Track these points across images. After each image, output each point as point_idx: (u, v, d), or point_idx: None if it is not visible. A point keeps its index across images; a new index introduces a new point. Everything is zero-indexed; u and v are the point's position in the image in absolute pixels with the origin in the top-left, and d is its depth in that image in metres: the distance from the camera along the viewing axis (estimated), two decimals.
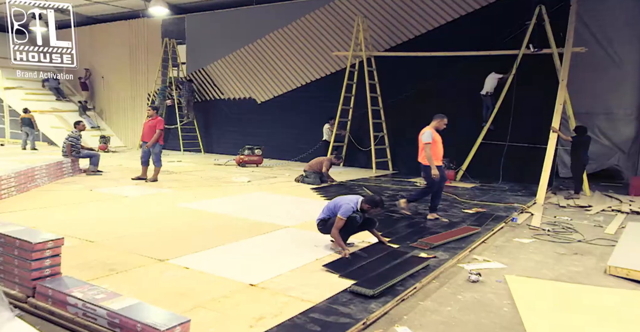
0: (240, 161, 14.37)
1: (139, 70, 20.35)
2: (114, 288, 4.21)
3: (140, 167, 11.00)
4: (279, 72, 16.48)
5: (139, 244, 5.72)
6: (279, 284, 4.53)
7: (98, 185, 10.08)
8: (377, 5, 14.12)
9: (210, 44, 17.63)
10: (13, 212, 7.27)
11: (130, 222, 7.01)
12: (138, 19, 20.03)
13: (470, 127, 12.46)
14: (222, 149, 17.81)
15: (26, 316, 3.77)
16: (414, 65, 13.61)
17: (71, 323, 3.58)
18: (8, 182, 8.42)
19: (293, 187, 10.81)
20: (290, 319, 3.73)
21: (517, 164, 12.12)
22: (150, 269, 4.89)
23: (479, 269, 5.26)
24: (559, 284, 4.99)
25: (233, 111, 17.44)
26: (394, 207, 8.61)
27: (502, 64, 12.00)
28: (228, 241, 5.99)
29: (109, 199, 8.63)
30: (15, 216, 6.95)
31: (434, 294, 4.55)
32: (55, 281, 3.92)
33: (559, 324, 4.01)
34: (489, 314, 4.11)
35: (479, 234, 6.76)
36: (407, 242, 6.19)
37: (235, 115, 17.25)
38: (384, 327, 3.75)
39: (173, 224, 6.99)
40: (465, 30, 12.63)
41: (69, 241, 5.49)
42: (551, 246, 6.49)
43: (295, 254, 5.59)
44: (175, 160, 15.30)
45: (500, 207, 8.97)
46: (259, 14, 16.73)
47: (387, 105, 14.05)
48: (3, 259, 4.14)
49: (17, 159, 13.88)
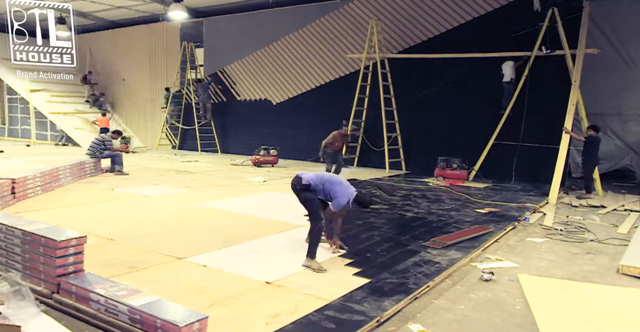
0: (256, 161, 14.42)
1: (159, 72, 20.49)
2: (134, 285, 4.25)
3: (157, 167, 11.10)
4: (294, 74, 16.50)
5: (158, 243, 5.76)
6: (294, 282, 4.53)
7: (119, 185, 10.16)
8: (390, 7, 14.07)
9: (227, 47, 17.69)
10: (38, 211, 7.37)
11: (149, 221, 7.06)
12: (158, 23, 20.17)
13: (483, 128, 12.37)
14: (238, 149, 17.84)
15: (51, 312, 3.83)
16: (426, 67, 13.59)
17: (94, 319, 3.62)
18: (34, 182, 8.53)
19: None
20: (306, 317, 3.74)
21: (530, 164, 12.01)
22: (168, 267, 4.92)
23: (491, 268, 5.22)
24: (571, 283, 4.94)
25: (249, 112, 17.47)
26: (408, 206, 8.59)
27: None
28: (244, 240, 6.01)
29: (129, 199, 8.70)
30: (41, 214, 7.05)
31: (447, 292, 4.52)
32: (79, 278, 3.97)
33: (571, 323, 3.97)
34: (501, 313, 4.08)
35: (492, 233, 6.72)
36: (420, 241, 6.17)
37: (251, 117, 17.29)
38: (397, 325, 3.74)
39: (190, 223, 7.03)
40: (478, 33, 12.54)
41: (91, 239, 5.53)
42: (564, 246, 6.42)
43: None
44: (192, 161, 15.39)
45: (512, 207, 8.89)
46: (274, 17, 16.76)
47: (400, 106, 14.00)
48: (29, 256, 4.20)
49: (42, 160, 14.03)
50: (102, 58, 22.30)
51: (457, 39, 12.92)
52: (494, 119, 12.15)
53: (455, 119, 13.18)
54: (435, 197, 9.73)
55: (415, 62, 13.73)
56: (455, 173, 12.09)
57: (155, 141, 20.62)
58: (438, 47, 13.23)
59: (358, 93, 13.93)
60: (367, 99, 14.06)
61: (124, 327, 3.42)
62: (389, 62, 14.03)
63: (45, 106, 20.46)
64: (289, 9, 16.40)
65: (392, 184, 11.42)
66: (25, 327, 3.31)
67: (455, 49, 12.85)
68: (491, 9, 12.55)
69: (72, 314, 3.77)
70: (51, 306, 3.92)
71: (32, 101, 20.85)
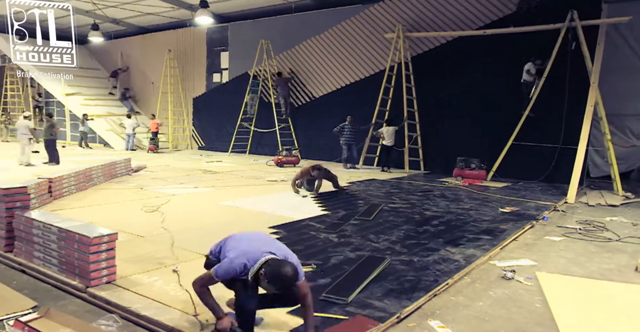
0: (278, 161, 14.48)
1: (185, 76, 20.72)
2: (162, 280, 4.32)
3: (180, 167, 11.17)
4: (316, 76, 16.53)
5: (185, 239, 5.81)
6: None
7: (147, 184, 10.29)
8: (410, 11, 14.01)
9: (251, 51, 17.76)
10: (72, 209, 7.50)
11: (176, 218, 7.12)
12: (185, 28, 20.41)
13: (500, 128, 12.24)
14: (263, 150, 17.96)
15: (85, 305, 3.91)
16: (446, 69, 13.51)
17: (125, 312, 3.68)
18: (69, 182, 8.69)
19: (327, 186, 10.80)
20: (329, 312, 3.73)
21: (548, 164, 11.84)
22: (195, 263, 4.95)
23: (510, 266, 5.17)
24: (590, 281, 4.85)
25: (271, 114, 17.50)
26: (427, 205, 8.55)
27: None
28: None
29: (157, 197, 8.80)
30: (75, 212, 7.17)
31: (466, 289, 4.49)
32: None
33: (590, 320, 3.91)
34: (520, 310, 4.03)
35: (508, 231, 6.65)
36: (439, 239, 6.14)
37: (273, 119, 17.32)
38: (417, 321, 3.72)
39: (215, 221, 7.08)
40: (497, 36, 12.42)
41: (121, 236, 5.61)
42: (582, 244, 6.32)
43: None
44: (216, 161, 15.49)
45: (531, 206, 8.77)
46: (297, 21, 16.83)
47: (420, 107, 13.93)
48: (65, 252, 4.29)
49: (76, 160, 14.29)
50: (132, 62, 22.62)
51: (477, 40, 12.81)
52: (512, 120, 12.00)
53: (474, 120, 13.06)
54: (454, 197, 9.66)
55: (437, 64, 13.67)
56: (473, 173, 11.99)
57: (183, 142, 20.88)
58: (459, 50, 13.18)
59: (381, 94, 13.89)
60: (390, 100, 14.00)
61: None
62: (412, 64, 13.99)
63: (79, 109, 20.84)
64: (310, 13, 16.46)
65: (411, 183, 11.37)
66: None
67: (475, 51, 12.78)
68: (510, 12, 12.41)
69: (104, 307, 3.84)
70: (85, 299, 4.00)
71: (67, 104, 21.25)
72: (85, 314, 3.74)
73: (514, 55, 12.23)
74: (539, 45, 11.74)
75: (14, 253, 4.94)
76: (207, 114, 20.17)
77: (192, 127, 20.79)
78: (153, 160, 15.15)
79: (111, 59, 23.44)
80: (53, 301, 3.98)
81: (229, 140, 18.36)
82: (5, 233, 5.03)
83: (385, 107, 14.04)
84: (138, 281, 4.30)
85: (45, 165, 12.75)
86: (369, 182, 11.54)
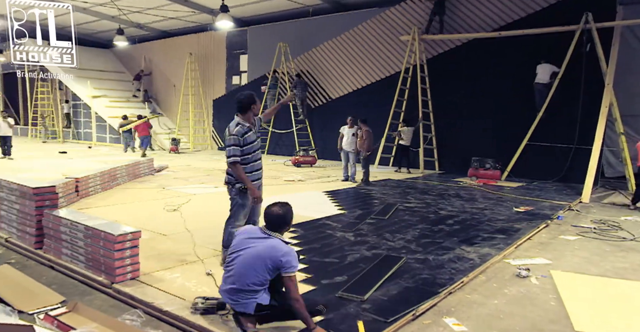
0: (295, 161, 14.52)
1: (206, 78, 20.87)
2: (184, 277, 4.36)
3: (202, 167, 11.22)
4: (332, 78, 16.51)
5: (206, 238, 5.86)
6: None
7: (169, 183, 10.38)
8: (425, 14, 13.92)
9: (269, 54, 17.80)
10: (98, 207, 7.60)
11: (197, 217, 7.18)
12: (205, 32, 20.55)
13: (516, 129, 12.12)
14: (280, 150, 18.01)
15: (110, 300, 3.97)
16: (461, 71, 13.42)
17: (148, 307, 3.72)
18: (94, 181, 8.82)
19: (342, 184, 10.80)
20: (345, 308, 3.74)
21: (563, 164, 11.69)
22: (215, 261, 5.00)
23: (525, 264, 5.12)
24: (604, 280, 4.79)
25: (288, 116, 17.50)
26: (442, 204, 8.50)
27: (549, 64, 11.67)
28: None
29: (179, 196, 8.87)
30: (100, 211, 7.28)
31: (481, 288, 4.45)
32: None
33: (604, 318, 3.85)
34: (535, 308, 3.99)
35: (523, 230, 6.58)
36: (454, 238, 6.10)
37: (290, 120, 17.34)
38: (432, 319, 3.71)
39: None
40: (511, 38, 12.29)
41: (145, 234, 5.69)
42: (597, 243, 6.23)
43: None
44: None
45: (546, 205, 8.67)
46: (314, 25, 16.84)
47: (435, 108, 13.85)
48: (91, 249, 4.36)
49: (102, 160, 14.48)
50: (155, 65, 22.85)
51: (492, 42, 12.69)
52: (526, 121, 11.88)
53: (488, 121, 12.95)
54: (468, 196, 9.59)
55: (452, 66, 13.58)
56: (488, 173, 11.88)
57: (203, 143, 21.03)
58: (473, 52, 13.09)
59: (397, 96, 13.84)
60: (405, 101, 13.95)
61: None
62: (427, 66, 13.93)
63: (104, 111, 21.11)
64: (327, 16, 16.46)
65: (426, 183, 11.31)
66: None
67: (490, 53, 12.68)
68: (525, 14, 12.28)
69: (128, 302, 3.89)
70: (110, 294, 4.06)
71: (93, 106, 21.54)
72: (110, 309, 3.79)
73: (528, 57, 12.09)
74: (553, 47, 11.59)
75: (43, 250, 5.04)
76: (226, 115, 20.25)
77: (212, 128, 20.92)
78: (174, 161, 15.28)
79: (135, 62, 23.71)
80: (80, 296, 4.05)
81: None
82: (35, 231, 5.13)
83: (400, 108, 13.97)
84: (161, 278, 4.35)
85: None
86: (385, 182, 11.51)
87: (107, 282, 4.16)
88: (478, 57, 13.03)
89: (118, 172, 10.11)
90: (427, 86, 13.92)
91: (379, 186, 10.76)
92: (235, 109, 4.55)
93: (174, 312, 3.57)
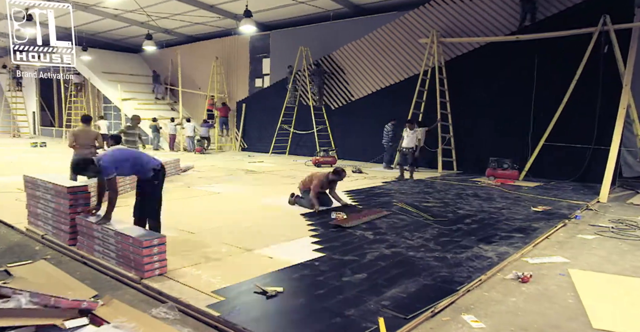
0: (316, 162, 14.53)
1: (230, 81, 21.03)
2: (208, 274, 4.40)
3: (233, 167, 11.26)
4: (352, 81, 16.49)
5: (230, 236, 5.90)
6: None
7: (194, 183, 10.48)
8: (443, 18, 13.83)
9: (291, 57, 17.86)
10: (128, 206, 7.69)
11: (222, 215, 7.24)
12: (230, 37, 20.71)
13: (532, 130, 11.97)
14: (301, 151, 18.04)
15: (139, 295, 4.03)
16: (479, 73, 13.29)
17: (176, 302, 3.77)
18: (124, 180, 8.95)
19: (362, 185, 10.78)
20: (366, 305, 3.74)
21: (580, 164, 11.50)
22: (239, 258, 5.04)
23: (542, 263, 5.04)
24: (622, 278, 4.69)
25: (309, 117, 17.54)
26: (460, 203, 8.43)
27: (566, 67, 11.45)
28: (307, 234, 6.08)
29: (204, 195, 8.95)
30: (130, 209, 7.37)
31: (499, 285, 4.40)
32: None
33: (622, 316, 3.78)
34: (553, 305, 3.94)
35: (541, 229, 6.49)
36: (472, 237, 6.04)
37: (311, 121, 17.38)
38: (450, 316, 3.68)
39: (258, 218, 7.11)
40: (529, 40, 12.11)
41: (172, 232, 5.80)
42: (615, 242, 6.11)
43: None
44: (257, 161, 15.62)
45: (563, 205, 8.53)
46: (334, 28, 16.83)
47: (453, 109, 13.73)
48: (121, 246, 4.43)
49: None
50: (182, 69, 23.08)
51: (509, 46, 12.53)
52: (543, 121, 11.70)
53: (506, 121, 12.79)
54: (486, 196, 9.48)
55: (470, 68, 13.46)
56: (506, 173, 11.73)
57: (227, 144, 21.18)
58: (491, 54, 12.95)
59: (416, 97, 13.77)
60: (423, 103, 13.86)
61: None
62: (446, 68, 13.83)
63: (134, 113, 21.37)
64: (348, 20, 16.44)
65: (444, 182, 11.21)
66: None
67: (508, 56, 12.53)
68: (543, 17, 12.09)
69: (156, 297, 3.95)
70: (139, 290, 4.12)
71: (123, 108, 21.87)
72: (140, 303, 3.85)
73: (545, 59, 11.92)
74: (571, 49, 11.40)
75: (77, 246, 5.14)
76: (249, 117, 20.40)
77: (236, 129, 21.06)
78: (200, 161, 15.43)
79: (162, 65, 24.00)
80: (111, 290, 4.12)
81: (270, 142, 18.53)
82: (69, 228, 5.23)
83: (419, 109, 13.88)
84: (187, 274, 4.41)
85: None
86: (403, 181, 11.45)
87: (137, 277, 4.22)
88: (495, 59, 12.87)
89: None
90: (446, 88, 13.81)
91: (397, 186, 10.71)
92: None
93: (199, 306, 3.62)
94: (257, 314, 3.56)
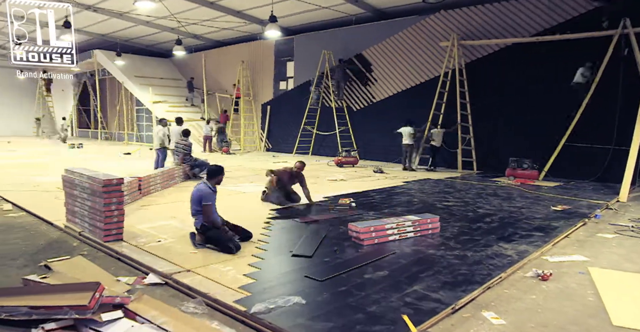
0: (338, 162, 14.52)
1: (255, 83, 21.16)
2: (236, 270, 4.44)
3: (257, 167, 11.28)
4: (373, 82, 16.43)
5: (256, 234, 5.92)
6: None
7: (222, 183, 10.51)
8: (464, 21, 13.68)
9: (314, 60, 17.88)
10: (158, 205, 7.83)
11: (248, 214, 7.28)
12: (255, 41, 20.84)
13: (552, 130, 11.72)
14: (324, 151, 18.04)
15: (169, 290, 4.08)
16: (498, 74, 13.12)
17: (204, 297, 3.81)
18: (154, 180, 9.09)
19: (382, 183, 10.72)
20: (388, 303, 3.72)
21: (600, 164, 11.24)
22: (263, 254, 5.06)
23: (562, 261, 4.95)
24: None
25: (330, 118, 17.50)
26: (480, 203, 8.32)
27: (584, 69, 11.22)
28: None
29: (230, 194, 9.00)
30: (161, 208, 7.52)
31: (519, 283, 4.34)
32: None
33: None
34: (573, 303, 3.86)
35: (560, 228, 6.36)
36: (492, 236, 5.96)
37: (333, 122, 17.35)
38: (471, 312, 3.64)
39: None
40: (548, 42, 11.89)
41: None
42: (635, 242, 5.95)
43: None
44: (281, 161, 15.65)
45: (583, 204, 8.36)
46: (357, 32, 16.79)
47: (474, 110, 13.57)
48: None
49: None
50: (210, 72, 23.33)
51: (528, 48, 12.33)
52: (563, 122, 11.47)
53: (526, 122, 12.59)
54: (506, 195, 9.35)
55: (490, 70, 13.30)
56: (526, 172, 11.54)
57: (252, 145, 21.32)
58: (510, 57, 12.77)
59: (436, 99, 13.65)
60: (444, 104, 13.73)
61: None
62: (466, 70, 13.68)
63: (164, 115, 21.68)
64: (370, 25, 16.39)
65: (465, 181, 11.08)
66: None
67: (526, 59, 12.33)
68: (563, 20, 11.86)
69: (186, 292, 3.99)
70: (170, 285, 4.18)
71: (154, 111, 22.20)
72: (170, 298, 3.90)
73: (565, 61, 11.69)
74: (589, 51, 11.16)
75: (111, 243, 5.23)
76: (274, 118, 20.51)
77: (261, 130, 21.18)
78: (226, 161, 15.52)
79: (191, 69, 24.29)
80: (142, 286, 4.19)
81: (294, 142, 18.60)
82: (104, 225, 5.34)
83: (439, 110, 13.75)
84: (215, 270, 4.45)
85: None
86: (424, 181, 11.36)
87: (167, 273, 4.28)
88: (515, 61, 12.69)
89: (176, 172, 10.39)
90: (466, 89, 13.66)
91: (418, 185, 10.63)
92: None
93: (226, 301, 3.65)
94: (281, 310, 3.56)
